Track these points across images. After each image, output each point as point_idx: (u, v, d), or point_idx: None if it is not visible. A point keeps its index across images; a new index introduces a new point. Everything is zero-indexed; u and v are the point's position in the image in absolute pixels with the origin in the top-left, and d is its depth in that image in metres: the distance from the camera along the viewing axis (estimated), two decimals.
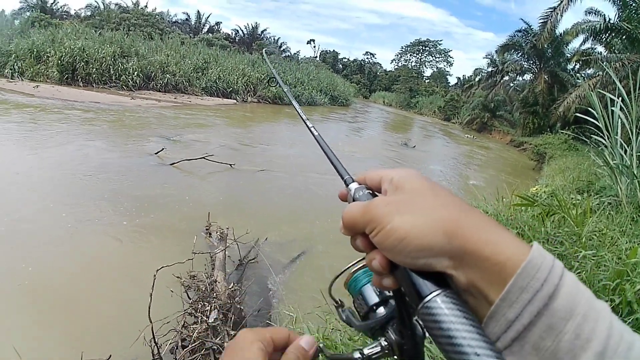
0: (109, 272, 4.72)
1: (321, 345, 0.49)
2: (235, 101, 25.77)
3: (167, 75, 23.65)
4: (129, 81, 21.87)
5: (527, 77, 29.29)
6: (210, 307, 3.50)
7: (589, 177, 8.58)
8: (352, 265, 0.55)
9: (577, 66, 23.29)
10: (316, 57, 66.24)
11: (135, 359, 3.32)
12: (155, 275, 3.42)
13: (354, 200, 0.51)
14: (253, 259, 5.26)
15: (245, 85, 27.48)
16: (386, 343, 0.48)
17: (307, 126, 0.83)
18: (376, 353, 0.48)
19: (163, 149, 9.70)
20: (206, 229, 5.88)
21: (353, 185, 0.52)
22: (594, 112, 5.89)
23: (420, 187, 0.43)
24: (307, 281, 5.14)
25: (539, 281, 0.35)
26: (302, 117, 0.89)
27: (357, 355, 0.48)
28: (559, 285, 0.35)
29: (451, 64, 61.70)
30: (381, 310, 0.50)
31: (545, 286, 0.34)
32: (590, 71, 21.51)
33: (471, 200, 5.75)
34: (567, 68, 26.11)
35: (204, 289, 3.77)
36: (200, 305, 3.60)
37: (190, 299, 3.77)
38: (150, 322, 3.16)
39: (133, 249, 5.32)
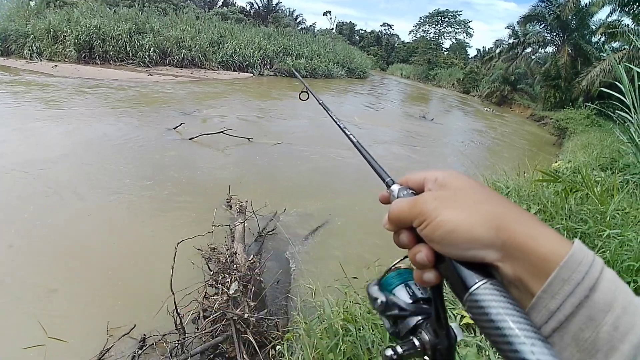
0: (132, 245, 4.80)
1: None
2: (251, 75, 25.63)
3: (183, 50, 23.57)
4: (145, 57, 21.88)
5: (550, 49, 28.28)
6: (231, 279, 3.53)
7: (612, 154, 8.32)
8: (391, 267, 0.56)
9: (603, 39, 22.22)
10: (332, 29, 64.91)
11: (158, 329, 3.38)
12: (176, 248, 3.45)
13: None
14: (272, 230, 5.29)
15: (261, 58, 27.26)
16: (419, 342, 0.48)
17: (346, 134, 0.85)
18: (408, 351, 0.48)
19: (182, 124, 9.73)
20: (227, 202, 5.91)
21: (395, 187, 0.54)
22: (621, 87, 5.65)
23: (464, 185, 0.46)
24: (326, 253, 5.15)
25: (580, 274, 0.36)
26: (339, 126, 0.91)
27: (389, 352, 0.48)
28: (599, 279, 0.36)
29: (471, 36, 59.82)
30: (414, 319, 0.50)
31: (586, 279, 0.36)
32: (616, 44, 20.58)
33: (491, 174, 5.62)
34: (591, 41, 24.94)
35: (224, 260, 3.80)
36: (220, 277, 3.63)
37: (210, 270, 3.81)
38: (173, 293, 3.20)
39: (155, 223, 5.38)
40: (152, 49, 22.18)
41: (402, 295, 0.51)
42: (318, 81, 28.24)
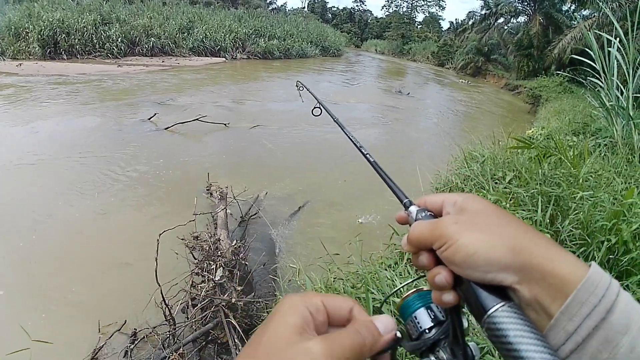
0: (114, 241, 4.75)
1: (398, 334, 0.45)
2: (224, 59, 25.16)
3: (152, 38, 22.93)
4: (113, 49, 21.23)
5: (522, 19, 28.58)
6: (216, 266, 3.54)
7: (584, 119, 8.54)
8: (398, 289, 0.58)
9: (573, 7, 22.37)
10: (304, 7, 64.10)
11: (148, 322, 3.39)
12: (158, 240, 3.43)
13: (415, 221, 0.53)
14: (254, 214, 5.29)
15: (233, 42, 26.74)
16: None
17: (363, 153, 0.85)
18: None
19: (155, 114, 9.56)
20: (207, 189, 5.88)
21: (413, 208, 0.55)
22: (591, 53, 5.75)
23: (483, 208, 0.47)
24: (308, 232, 5.19)
25: (597, 297, 0.37)
26: (355, 144, 0.91)
27: None
28: (615, 302, 0.37)
29: (443, 8, 59.76)
30: (433, 332, 0.49)
31: (603, 301, 0.37)
32: (586, 12, 20.76)
33: (467, 144, 5.69)
34: (562, 9, 25.18)
35: (207, 248, 3.80)
36: (206, 265, 3.64)
37: (195, 259, 3.81)
38: (159, 285, 3.20)
39: (135, 216, 5.33)
40: (119, 39, 21.51)
41: (423, 319, 0.51)
42: (293, 62, 27.93)
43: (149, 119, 9.44)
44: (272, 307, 3.33)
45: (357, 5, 69.09)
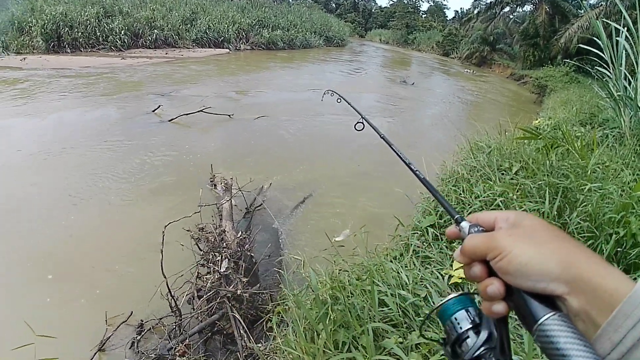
0: (119, 233, 4.76)
1: None
2: (228, 50, 25.03)
3: (155, 30, 22.81)
4: (117, 41, 21.13)
5: (528, 8, 28.17)
6: (221, 257, 3.55)
7: (591, 109, 8.42)
8: (441, 304, 0.58)
9: None
10: None
11: (155, 313, 3.41)
12: (163, 232, 3.44)
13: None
14: (259, 205, 5.28)
15: (236, 32, 26.59)
16: None
17: (412, 170, 0.88)
18: None
19: (160, 106, 9.54)
20: (211, 181, 5.88)
21: (465, 224, 0.57)
22: (599, 42, 5.66)
23: (535, 224, 0.50)
24: (312, 224, 5.19)
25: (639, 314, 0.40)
26: (405, 162, 0.94)
27: None
28: None
29: None
30: (472, 335, 0.52)
31: None
32: (593, 1, 20.45)
33: (473, 134, 5.64)
34: None
35: (213, 239, 3.80)
36: (211, 256, 3.64)
37: (201, 250, 3.82)
38: (164, 277, 3.21)
39: (140, 208, 5.34)
40: (122, 32, 21.39)
41: (462, 320, 0.54)
42: (297, 52, 27.76)
43: (153, 111, 9.42)
44: (277, 298, 3.34)
45: None
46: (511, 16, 31.33)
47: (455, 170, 4.27)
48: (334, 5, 66.52)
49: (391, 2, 59.79)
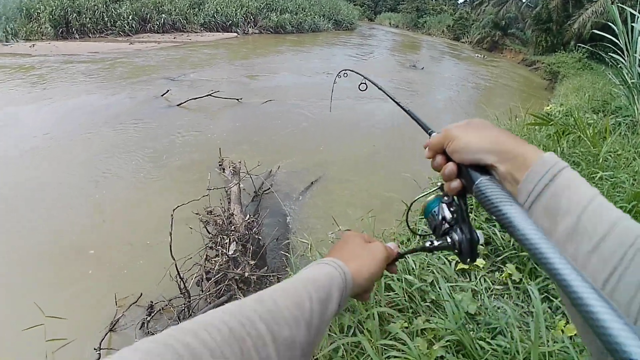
0: (129, 215, 4.81)
1: (400, 251, 0.78)
2: (236, 34, 24.83)
3: (163, 15, 22.68)
4: (125, 26, 21.07)
5: None
6: (229, 240, 3.57)
7: (604, 96, 8.25)
8: (419, 197, 0.85)
9: None
10: None
11: (164, 295, 3.46)
12: (172, 215, 3.47)
13: None
14: (267, 189, 5.29)
15: (244, 16, 26.34)
16: (450, 240, 0.67)
17: (397, 103, 1.23)
18: (442, 245, 0.69)
19: (168, 90, 9.53)
20: (219, 165, 5.89)
21: (434, 134, 0.75)
22: (614, 27, 5.50)
23: (480, 122, 0.67)
24: (319, 208, 5.19)
25: (546, 169, 0.54)
26: (392, 99, 1.26)
27: (427, 244, 0.70)
28: (559, 173, 0.54)
29: None
30: (447, 218, 0.69)
31: (550, 171, 0.54)
32: None
33: (483, 117, 5.56)
34: None
35: (221, 222, 3.83)
36: (219, 239, 3.67)
37: (209, 233, 3.85)
38: (173, 259, 3.25)
39: (149, 191, 5.37)
40: (130, 16, 21.32)
41: (441, 211, 0.70)
42: (305, 36, 27.46)
43: (162, 95, 9.42)
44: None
45: None
46: (523, 0, 30.62)
47: None
48: None
49: None
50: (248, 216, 4.10)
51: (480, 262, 2.54)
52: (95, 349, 2.98)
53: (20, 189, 5.19)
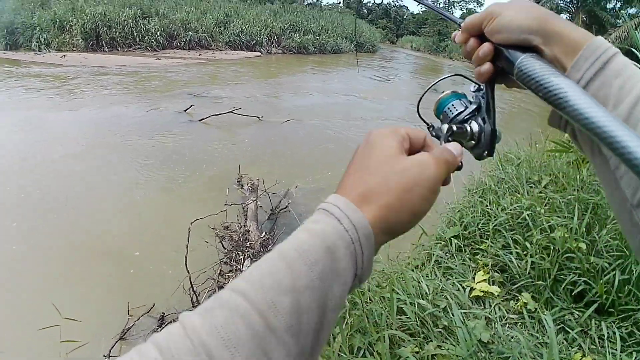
0: (147, 227, 4.88)
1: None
2: (259, 53, 25.34)
3: (190, 32, 23.35)
4: (152, 42, 21.76)
5: (564, 16, 27.30)
6: (244, 256, 3.60)
7: None
8: (432, 85, 0.80)
9: (618, 5, 21.36)
10: (339, 3, 63.70)
11: (176, 307, 3.48)
12: (189, 228, 3.53)
13: None
14: (284, 208, 5.32)
15: (268, 36, 26.90)
16: (469, 128, 0.59)
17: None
18: (460, 131, 0.59)
19: (191, 106, 9.75)
20: (238, 181, 5.96)
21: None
22: (637, 53, 5.49)
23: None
24: None
25: (597, 54, 0.50)
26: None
27: (445, 127, 0.58)
28: (610, 59, 0.50)
29: (481, 5, 58.01)
30: (464, 112, 0.62)
31: (601, 57, 0.50)
32: (632, 10, 19.76)
33: (502, 146, 5.55)
34: (606, 7, 24.18)
35: (237, 238, 3.87)
36: (234, 255, 3.70)
37: (225, 248, 3.88)
38: (188, 272, 3.29)
39: (169, 204, 5.46)
40: (158, 32, 22.02)
41: (457, 106, 0.63)
42: (327, 57, 27.85)
43: (185, 110, 9.64)
44: None
45: (393, 1, 68.19)
46: None
47: (483, 182, 4.21)
48: (365, 11, 66.50)
49: (423, 9, 59.40)
50: (264, 233, 4.14)
51: (495, 289, 2.52)
52: (104, 355, 3.00)
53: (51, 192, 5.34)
